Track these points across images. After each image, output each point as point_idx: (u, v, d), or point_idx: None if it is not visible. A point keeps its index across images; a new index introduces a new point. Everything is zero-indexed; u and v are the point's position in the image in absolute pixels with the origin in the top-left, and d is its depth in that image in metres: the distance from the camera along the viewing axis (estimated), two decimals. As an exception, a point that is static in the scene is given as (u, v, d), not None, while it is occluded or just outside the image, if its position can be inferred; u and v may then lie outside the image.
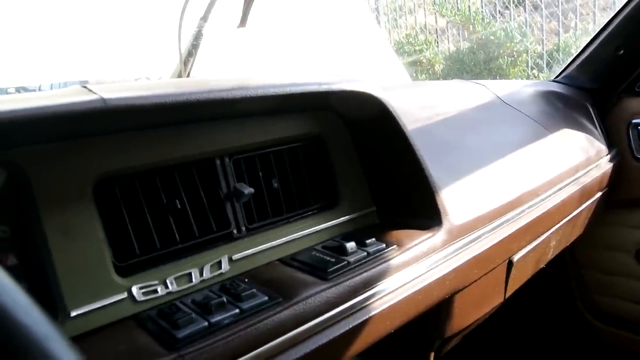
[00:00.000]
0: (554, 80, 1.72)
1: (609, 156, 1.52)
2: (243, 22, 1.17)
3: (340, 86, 0.81)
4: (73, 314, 0.63)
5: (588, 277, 1.81)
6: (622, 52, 1.59)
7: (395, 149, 0.91)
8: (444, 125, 1.16)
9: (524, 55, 4.87)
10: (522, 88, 1.54)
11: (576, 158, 1.34)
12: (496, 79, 4.76)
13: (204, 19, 1.24)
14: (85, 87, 0.65)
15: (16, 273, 0.64)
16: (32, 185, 0.63)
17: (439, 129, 1.14)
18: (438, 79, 5.25)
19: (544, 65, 4.86)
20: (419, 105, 1.21)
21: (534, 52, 4.97)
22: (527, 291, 1.39)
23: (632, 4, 1.49)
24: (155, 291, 0.70)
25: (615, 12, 1.55)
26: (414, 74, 5.23)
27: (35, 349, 0.26)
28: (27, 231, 0.64)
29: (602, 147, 1.51)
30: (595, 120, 1.59)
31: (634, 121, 1.61)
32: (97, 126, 0.65)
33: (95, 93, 0.61)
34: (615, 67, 1.63)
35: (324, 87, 0.79)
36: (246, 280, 0.74)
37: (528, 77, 4.81)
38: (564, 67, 1.72)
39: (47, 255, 0.63)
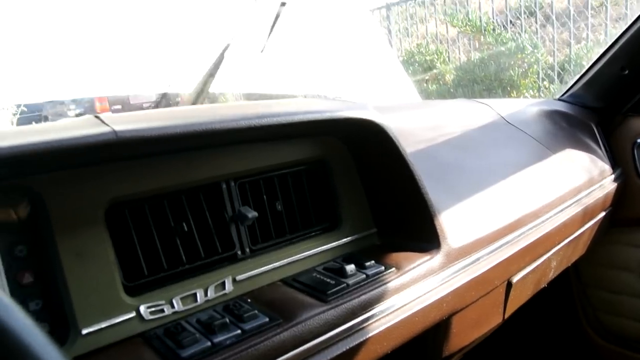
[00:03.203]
0: (559, 99, 1.74)
1: (613, 176, 1.53)
2: (264, 49, 1.20)
3: (342, 114, 0.84)
4: (84, 331, 0.67)
5: (592, 295, 1.82)
6: (627, 72, 1.60)
7: (396, 172, 0.93)
8: (446, 147, 1.19)
9: (535, 66, 4.87)
10: (526, 107, 1.56)
11: (579, 179, 1.36)
12: (507, 89, 4.77)
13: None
14: (97, 117, 0.69)
15: (32, 291, 0.68)
16: (48, 209, 0.67)
17: (441, 150, 1.17)
18: (449, 89, 5.27)
19: (555, 77, 4.87)
20: (422, 126, 1.24)
21: (545, 63, 4.97)
22: (531, 309, 1.40)
23: (638, 24, 1.50)
24: (162, 310, 0.73)
25: (621, 32, 1.57)
26: (425, 84, 5.26)
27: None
28: (43, 251, 0.68)
29: (606, 167, 1.52)
30: (600, 140, 1.61)
31: (639, 141, 1.62)
32: (109, 155, 0.69)
33: (107, 125, 0.64)
34: (620, 86, 1.64)
35: (326, 116, 0.82)
36: (249, 300, 0.77)
37: (539, 89, 4.81)
38: (569, 85, 1.73)
39: (60, 275, 0.67)
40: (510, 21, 5.61)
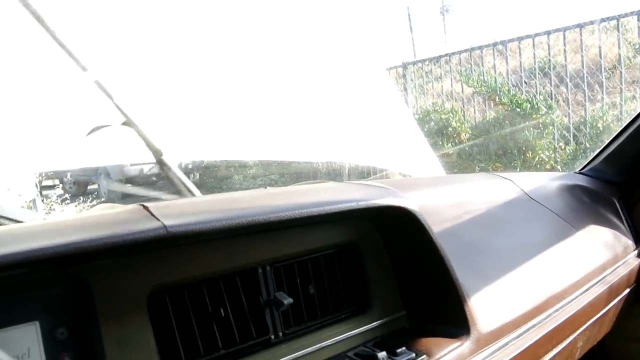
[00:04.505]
0: (579, 173, 1.76)
1: (636, 252, 1.53)
2: None
3: (378, 202, 0.87)
4: (122, 420, 0.68)
5: (618, 370, 1.78)
6: (648, 147, 1.62)
7: (426, 256, 0.95)
8: (471, 225, 1.21)
9: (550, 127, 4.92)
10: (548, 182, 1.58)
11: (603, 256, 1.36)
12: (522, 150, 4.81)
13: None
14: (145, 208, 0.72)
15: (70, 374, 0.69)
16: (94, 295, 0.70)
17: (467, 229, 1.18)
18: (464, 147, 5.33)
19: (571, 138, 4.91)
20: (448, 203, 1.26)
21: (560, 124, 5.02)
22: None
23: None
24: (198, 397, 0.74)
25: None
26: (440, 142, 5.32)
27: None
28: (84, 336, 0.70)
29: (630, 243, 1.52)
30: (622, 215, 1.61)
31: (661, 215, 1.63)
32: (156, 246, 0.72)
33: (157, 219, 0.68)
34: (641, 161, 1.66)
35: (362, 204, 0.85)
36: None
37: (554, 149, 4.84)
38: (590, 159, 1.76)
39: None
40: (525, 81, 5.72)
